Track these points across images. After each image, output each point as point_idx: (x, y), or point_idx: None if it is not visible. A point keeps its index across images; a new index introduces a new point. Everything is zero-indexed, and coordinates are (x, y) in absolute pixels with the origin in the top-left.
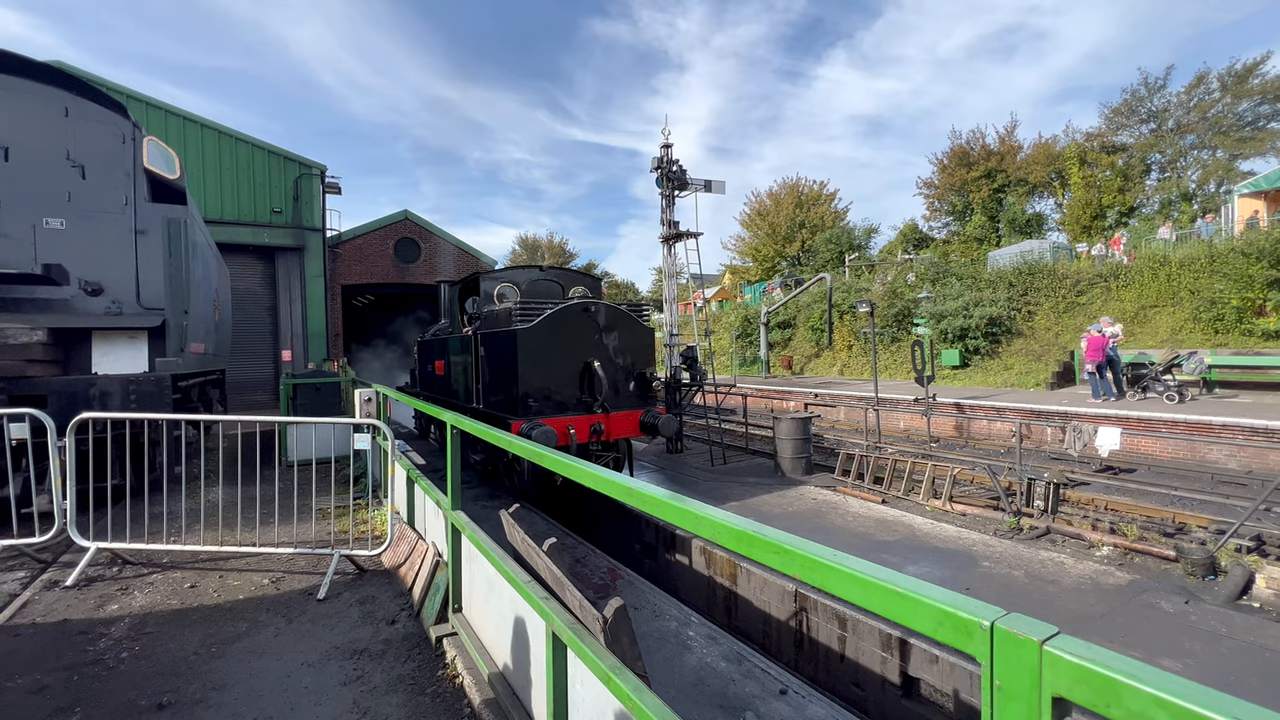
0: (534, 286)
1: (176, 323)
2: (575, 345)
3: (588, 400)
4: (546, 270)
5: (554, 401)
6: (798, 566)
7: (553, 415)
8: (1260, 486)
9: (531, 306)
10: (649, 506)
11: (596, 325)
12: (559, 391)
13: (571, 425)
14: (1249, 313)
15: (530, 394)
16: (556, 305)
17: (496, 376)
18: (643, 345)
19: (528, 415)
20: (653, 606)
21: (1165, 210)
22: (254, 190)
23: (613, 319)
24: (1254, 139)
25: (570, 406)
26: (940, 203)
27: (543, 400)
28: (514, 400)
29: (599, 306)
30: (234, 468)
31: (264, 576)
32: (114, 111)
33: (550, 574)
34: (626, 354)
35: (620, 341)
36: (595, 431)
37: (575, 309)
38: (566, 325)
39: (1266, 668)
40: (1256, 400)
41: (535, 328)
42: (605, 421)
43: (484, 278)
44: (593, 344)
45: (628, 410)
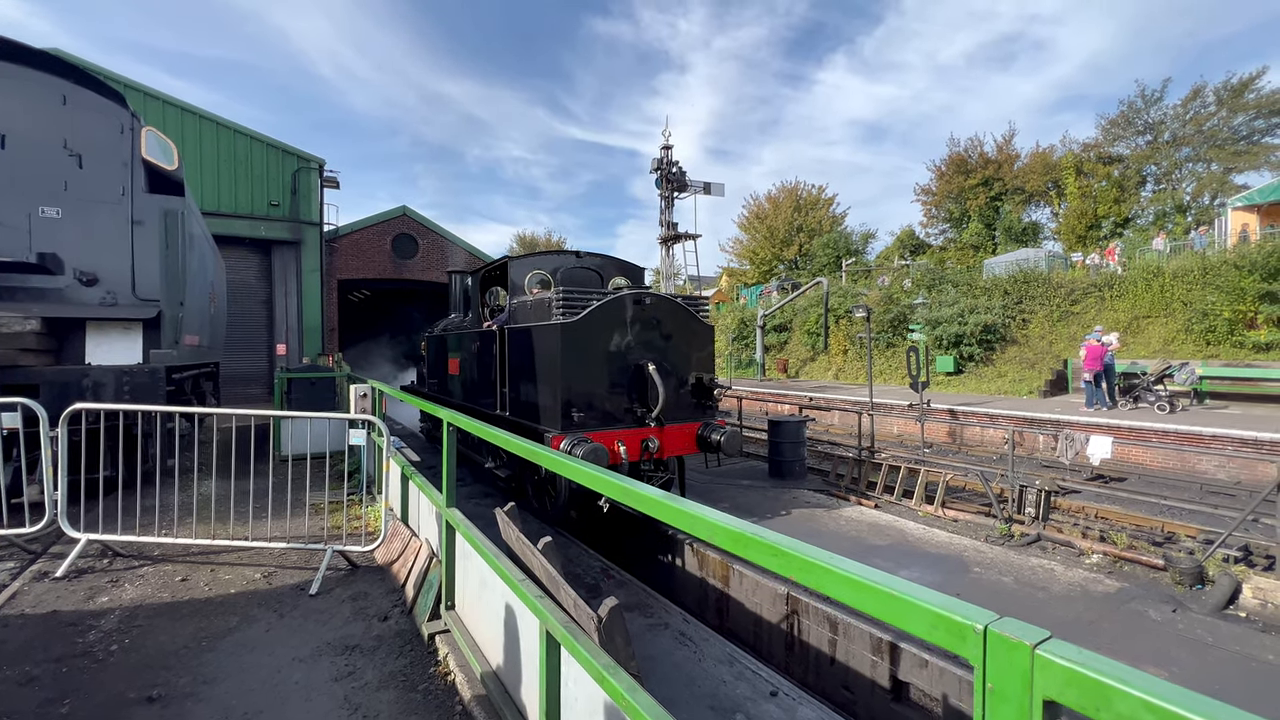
0: (569, 275)
1: (172, 314)
2: (626, 344)
3: (639, 411)
4: (584, 256)
5: (600, 412)
6: (794, 569)
7: (598, 428)
8: (1249, 498)
9: (576, 296)
10: (647, 507)
11: (651, 321)
12: (606, 399)
13: (621, 441)
14: (1240, 325)
15: (573, 402)
16: (604, 296)
17: (529, 379)
18: (702, 346)
19: (570, 428)
20: (644, 607)
21: (1160, 222)
22: (251, 183)
23: (669, 314)
24: (1248, 153)
25: (618, 418)
26: (937, 209)
27: (587, 410)
28: (554, 409)
29: (655, 299)
30: (227, 461)
31: (256, 571)
32: (113, 101)
33: (545, 572)
34: (683, 356)
35: (677, 341)
36: (647, 448)
37: (627, 300)
38: (617, 320)
39: (1252, 677)
40: (1246, 412)
41: (582, 322)
42: (659, 436)
43: (513, 263)
44: (646, 343)
45: (684, 423)
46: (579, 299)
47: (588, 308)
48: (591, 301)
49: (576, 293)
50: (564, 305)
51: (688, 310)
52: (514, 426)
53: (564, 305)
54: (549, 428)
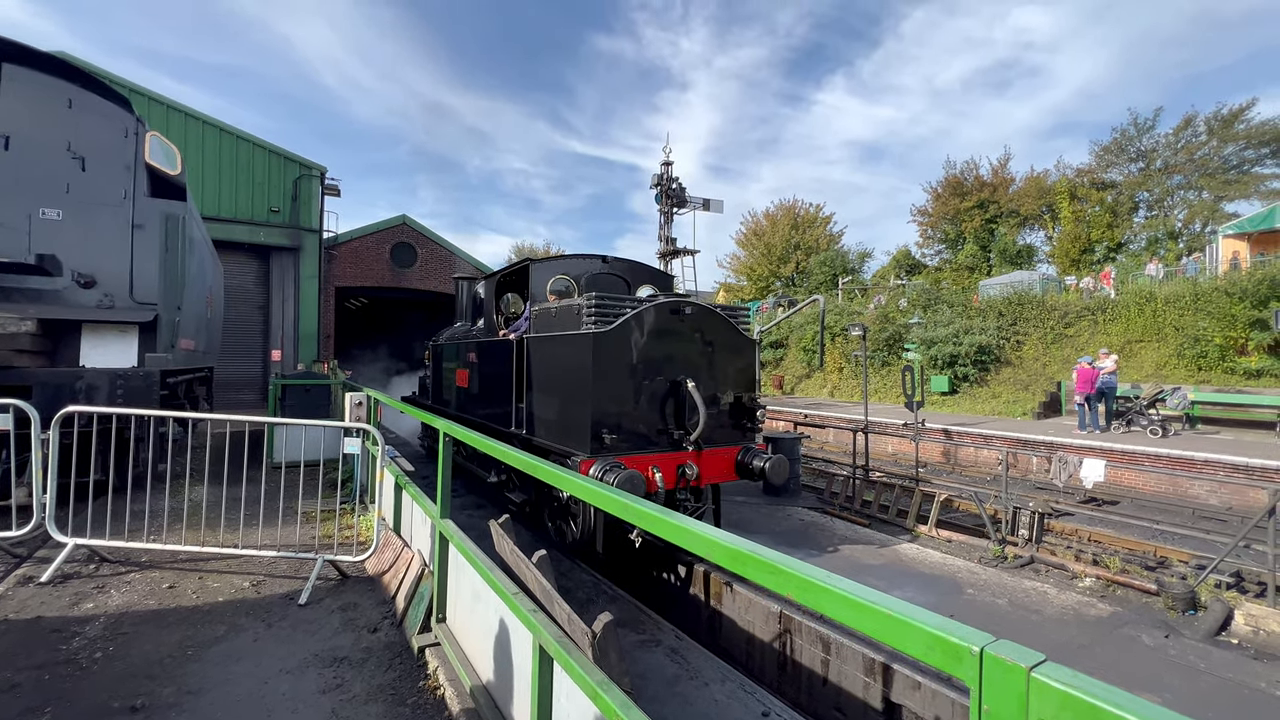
0: (594, 281)
1: (169, 318)
2: (663, 358)
3: (675, 434)
4: (610, 262)
5: (633, 434)
6: (792, 587)
7: (630, 452)
8: (1240, 523)
9: (609, 303)
10: (644, 522)
11: (689, 332)
12: (640, 420)
13: (657, 466)
14: (1231, 351)
15: (604, 422)
16: (639, 304)
17: (552, 395)
18: (743, 362)
19: (600, 451)
20: (636, 623)
21: (1152, 248)
22: (252, 188)
23: (709, 325)
24: (1238, 182)
25: (653, 440)
26: (933, 230)
27: (618, 431)
28: (582, 430)
29: (694, 308)
30: (219, 467)
31: (245, 579)
32: (118, 105)
33: (539, 586)
34: (723, 372)
35: (717, 355)
36: (684, 475)
37: (663, 310)
38: (652, 331)
39: (1244, 705)
40: (1238, 438)
41: (615, 332)
42: (697, 462)
43: (535, 266)
44: (684, 357)
45: (722, 447)
46: (612, 306)
47: (620, 316)
48: (625, 309)
49: (610, 299)
50: (596, 313)
51: (728, 321)
52: (531, 447)
53: (596, 313)
54: (576, 450)
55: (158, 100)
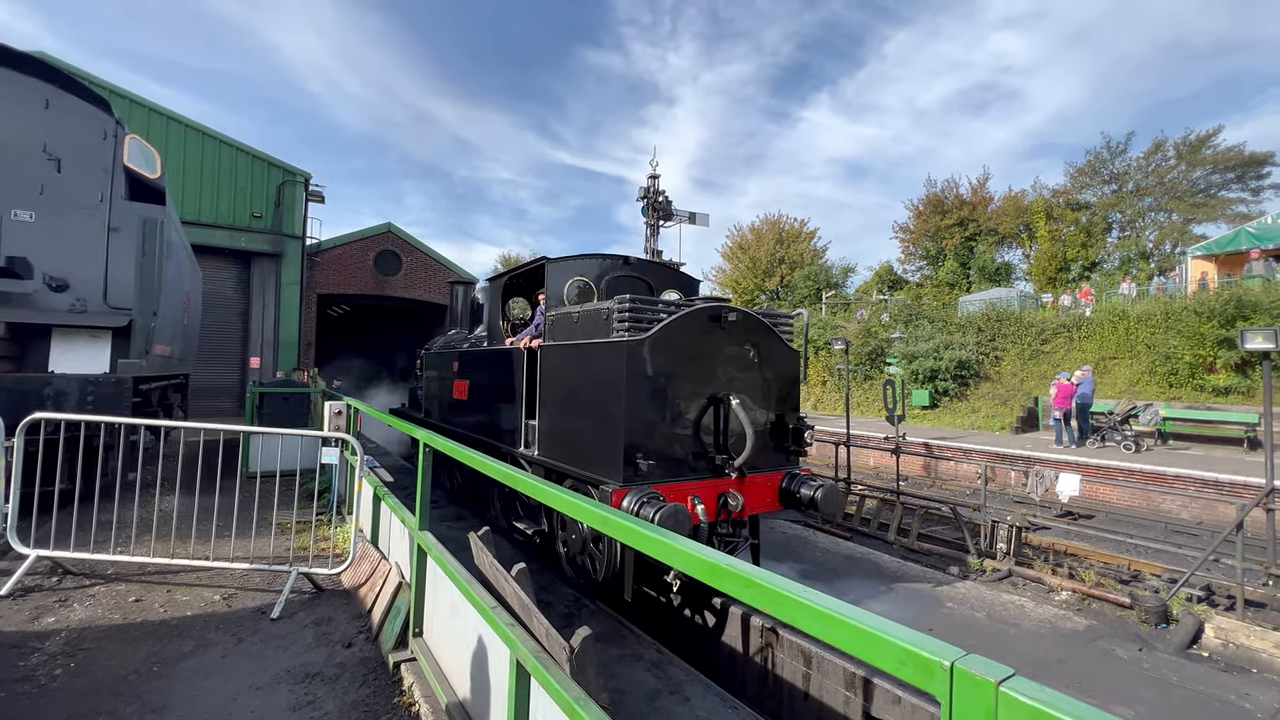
0: (616, 284)
1: (143, 324)
2: (702, 371)
3: (718, 458)
4: (633, 263)
5: (669, 459)
6: (767, 601)
7: (666, 480)
8: (1210, 537)
9: (645, 307)
10: (624, 536)
11: (731, 342)
12: (677, 442)
13: (698, 497)
14: (1201, 369)
15: (639, 445)
16: (678, 308)
17: (574, 412)
18: (787, 376)
19: (634, 479)
20: (617, 637)
21: (1125, 267)
22: (234, 193)
23: (753, 334)
24: (1206, 205)
25: (691, 466)
26: (915, 247)
27: (653, 456)
28: (613, 453)
29: (739, 314)
30: (192, 476)
31: (215, 592)
32: (97, 107)
33: (518, 600)
34: (768, 388)
35: (761, 369)
36: (726, 506)
37: (701, 316)
38: (692, 340)
39: (1214, 717)
40: (1207, 453)
41: (652, 341)
42: (740, 491)
43: (552, 266)
44: (725, 370)
45: (765, 473)
46: (647, 311)
47: (656, 322)
48: (661, 315)
49: (645, 302)
50: (630, 318)
51: (773, 330)
52: (546, 472)
53: (630, 318)
54: (607, 478)
55: (139, 103)
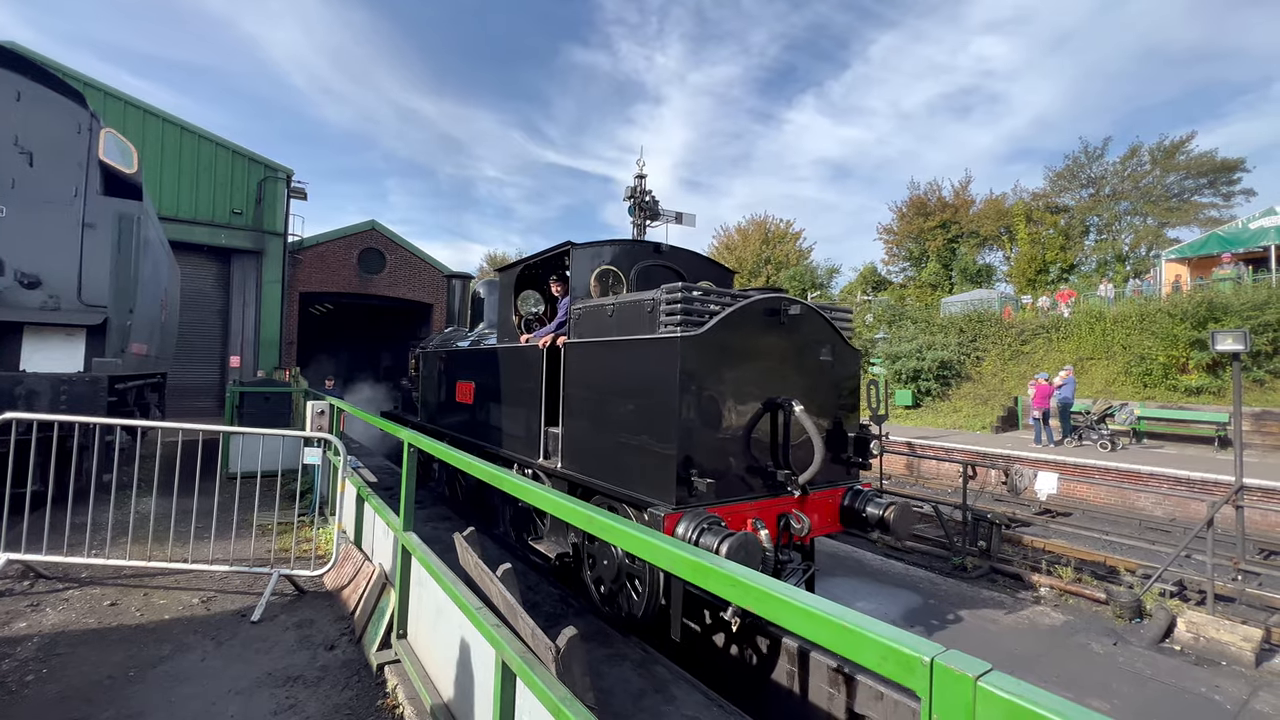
0: (647, 275)
1: (119, 322)
2: (759, 373)
3: (780, 474)
4: (664, 250)
5: (725, 476)
6: (752, 600)
7: (723, 500)
8: (1183, 533)
9: (694, 301)
10: (610, 535)
11: (790, 339)
12: (733, 455)
13: (760, 520)
14: (1174, 369)
15: (694, 460)
16: (733, 299)
17: (610, 422)
18: (848, 379)
19: (687, 501)
20: (604, 636)
21: (1101, 269)
22: (214, 189)
23: (814, 331)
24: (1179, 209)
25: (748, 483)
26: (898, 249)
27: (709, 472)
28: (664, 470)
29: (802, 308)
30: (170, 477)
31: (194, 596)
32: (71, 100)
33: (503, 600)
34: (829, 392)
35: (822, 370)
36: (787, 529)
37: (759, 309)
38: (748, 337)
39: (1186, 711)
40: (1180, 452)
41: (709, 337)
42: (804, 511)
43: (578, 252)
44: (783, 371)
45: (824, 489)
46: (702, 302)
47: (707, 316)
48: (712, 307)
49: (699, 290)
50: (682, 311)
51: (835, 328)
52: (570, 487)
53: (682, 311)
54: (655, 499)
55: (115, 96)
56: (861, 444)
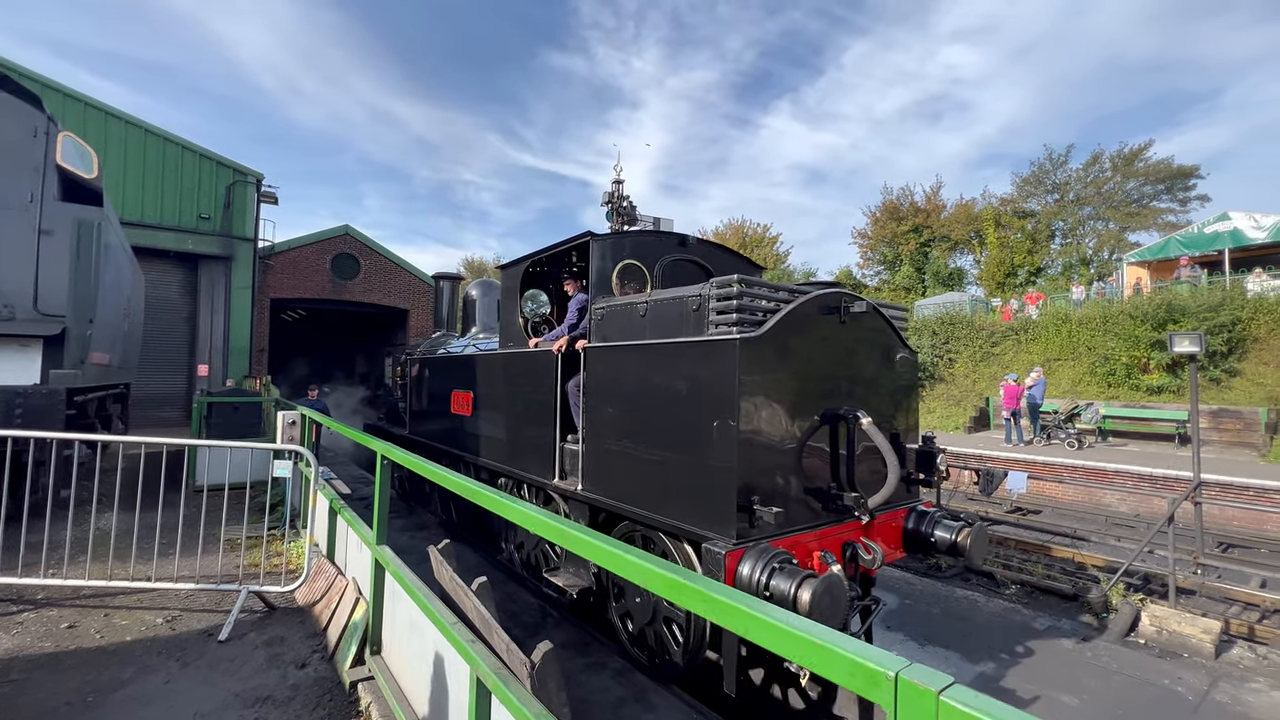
0: (674, 270)
1: (78, 332)
2: (820, 380)
3: (849, 496)
4: (690, 244)
5: (788, 500)
6: (723, 614)
7: (786, 530)
8: (1147, 529)
9: (752, 298)
10: (582, 549)
11: (852, 343)
12: (794, 475)
13: (829, 554)
14: (1136, 369)
15: (756, 485)
16: (792, 295)
17: (646, 439)
18: (907, 386)
19: (749, 532)
20: (583, 645)
21: (1067, 273)
22: (180, 194)
23: (873, 333)
24: (1139, 214)
25: (810, 508)
26: (873, 252)
27: (773, 499)
28: (721, 497)
29: (865, 305)
30: (133, 491)
31: (158, 615)
32: (26, 102)
33: (478, 615)
34: (890, 401)
35: (880, 376)
36: (858, 559)
37: (812, 308)
38: (808, 340)
39: (1151, 704)
40: (1143, 449)
41: (769, 339)
42: (872, 538)
43: (598, 243)
44: (844, 379)
45: (884, 511)
46: (747, 299)
47: (761, 314)
48: (763, 302)
49: (754, 285)
50: (738, 309)
51: (895, 330)
52: (592, 512)
53: (738, 309)
54: (711, 531)
55: (74, 97)
56: (926, 459)
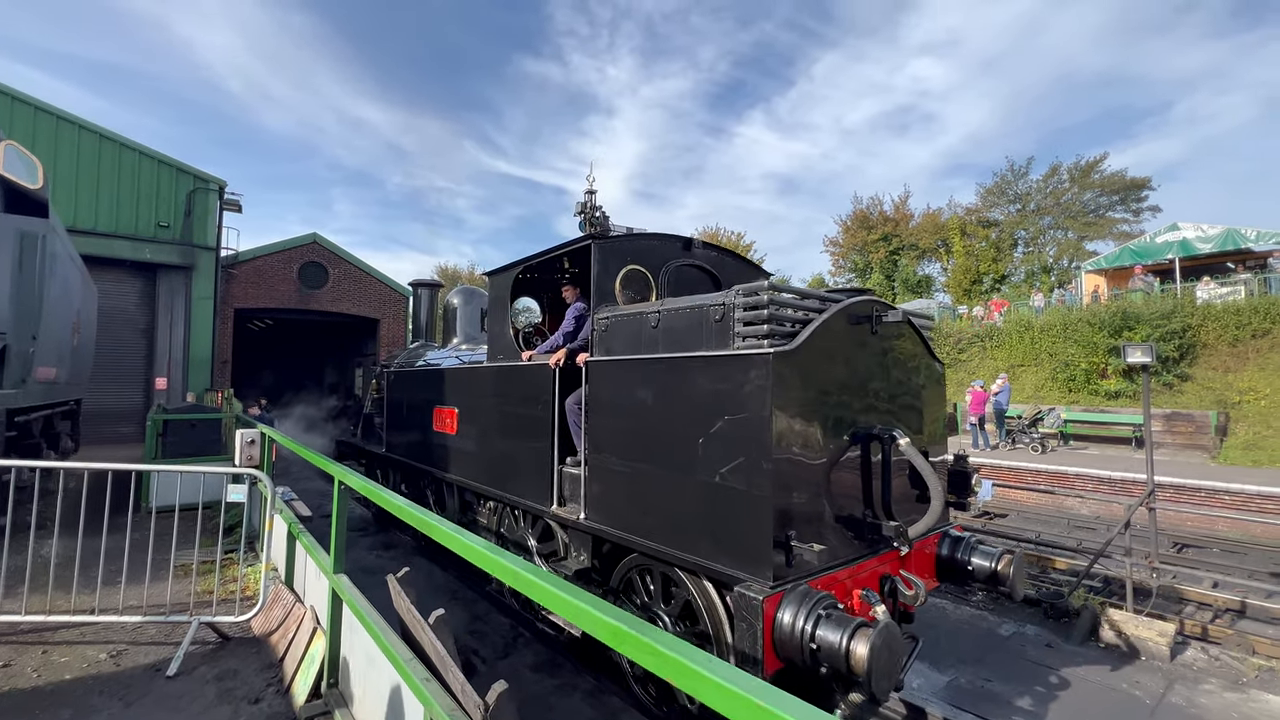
0: (679, 277)
1: (20, 348)
2: (850, 396)
3: (881, 524)
4: (695, 249)
5: (824, 532)
6: (670, 670)
7: (825, 567)
8: (1107, 531)
9: (783, 306)
10: (531, 591)
11: (883, 355)
12: (830, 504)
13: (870, 592)
14: (1095, 375)
15: (793, 516)
16: (823, 303)
17: (660, 463)
18: (935, 399)
19: (786, 571)
20: (554, 667)
21: (1029, 280)
22: (137, 201)
23: (904, 343)
24: (1096, 224)
25: (844, 538)
26: (844, 260)
27: (811, 532)
28: (756, 533)
29: (900, 315)
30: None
31: (101, 650)
32: None
33: (434, 651)
34: (919, 417)
35: (909, 391)
36: (892, 593)
37: (842, 318)
38: (838, 353)
39: (1111, 708)
40: (1102, 452)
41: (803, 353)
42: (911, 571)
43: (600, 246)
44: (876, 395)
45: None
46: (779, 309)
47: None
48: (789, 311)
49: (789, 293)
50: (770, 320)
51: (922, 337)
52: (595, 542)
53: (770, 320)
54: (744, 571)
55: (22, 100)
56: (959, 478)
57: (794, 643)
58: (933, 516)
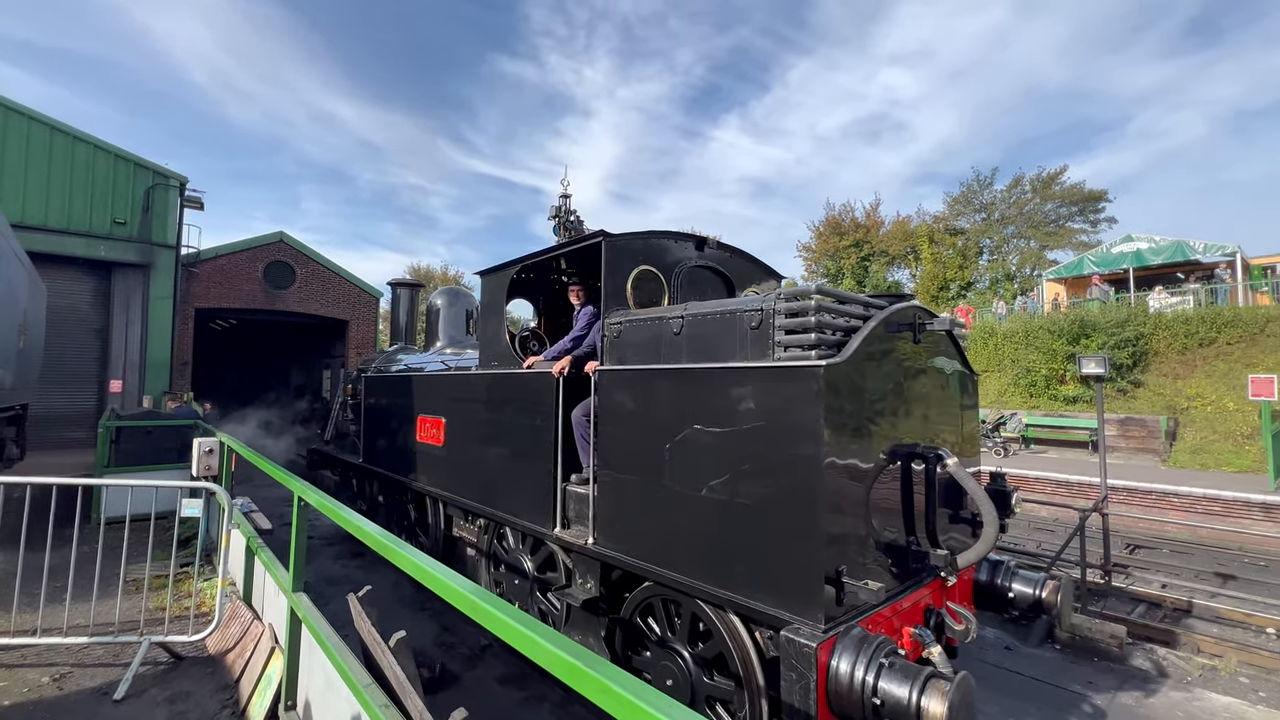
0: (692, 278)
1: None
2: (893, 412)
3: (930, 553)
4: (708, 249)
5: (874, 565)
6: (626, 712)
7: (876, 604)
8: (1065, 532)
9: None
10: (494, 626)
11: (924, 366)
12: (875, 533)
13: (922, 630)
14: (1054, 380)
15: (846, 549)
16: (867, 309)
17: (690, 484)
18: (970, 412)
19: (837, 611)
20: (522, 680)
21: (994, 287)
22: (91, 196)
23: (943, 352)
24: (1056, 234)
25: (891, 570)
26: (817, 265)
27: (865, 567)
28: (805, 569)
29: (944, 322)
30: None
31: (43, 674)
32: None
33: (394, 676)
34: (958, 433)
35: (947, 404)
36: (939, 626)
37: (892, 324)
38: (883, 364)
39: (1065, 708)
40: (1061, 455)
41: (852, 365)
42: (958, 601)
43: (613, 244)
44: (914, 409)
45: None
46: (828, 316)
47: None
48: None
49: (835, 297)
50: (817, 328)
51: (959, 348)
52: (603, 569)
53: (817, 328)
54: (791, 612)
55: None
56: (1000, 498)
57: (853, 697)
58: (986, 545)
